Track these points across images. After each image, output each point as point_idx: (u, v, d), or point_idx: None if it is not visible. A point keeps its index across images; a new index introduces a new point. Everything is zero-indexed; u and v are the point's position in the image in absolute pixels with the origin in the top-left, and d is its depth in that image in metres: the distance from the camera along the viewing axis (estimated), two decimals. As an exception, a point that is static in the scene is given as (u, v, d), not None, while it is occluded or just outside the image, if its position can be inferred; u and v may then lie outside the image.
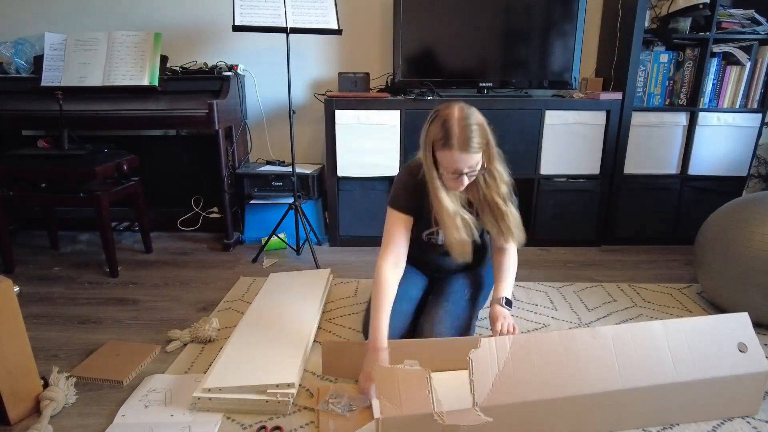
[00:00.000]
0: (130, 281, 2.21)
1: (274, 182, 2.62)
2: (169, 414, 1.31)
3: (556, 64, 2.54)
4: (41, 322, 1.84)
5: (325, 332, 1.76)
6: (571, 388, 1.16)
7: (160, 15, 2.75)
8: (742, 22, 2.39)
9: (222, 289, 2.11)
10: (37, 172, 2.16)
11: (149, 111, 2.39)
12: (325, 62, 2.82)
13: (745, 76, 2.43)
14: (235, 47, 2.77)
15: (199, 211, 2.85)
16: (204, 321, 1.71)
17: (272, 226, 2.49)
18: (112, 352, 1.61)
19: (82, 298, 2.04)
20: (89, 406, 1.37)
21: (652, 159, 2.55)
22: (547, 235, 2.61)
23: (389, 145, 2.47)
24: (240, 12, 2.11)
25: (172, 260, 2.46)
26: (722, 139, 2.51)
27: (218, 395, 1.32)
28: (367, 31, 2.74)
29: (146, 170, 2.53)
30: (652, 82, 2.49)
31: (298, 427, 1.27)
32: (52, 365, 1.44)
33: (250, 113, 2.86)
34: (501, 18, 2.50)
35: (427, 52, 2.54)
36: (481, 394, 1.12)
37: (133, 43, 2.47)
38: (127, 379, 1.46)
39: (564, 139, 2.48)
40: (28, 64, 2.59)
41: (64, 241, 2.68)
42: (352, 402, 1.31)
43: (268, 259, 2.45)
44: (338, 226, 2.62)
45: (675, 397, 1.22)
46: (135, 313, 1.91)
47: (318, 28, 2.18)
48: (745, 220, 1.75)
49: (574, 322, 1.82)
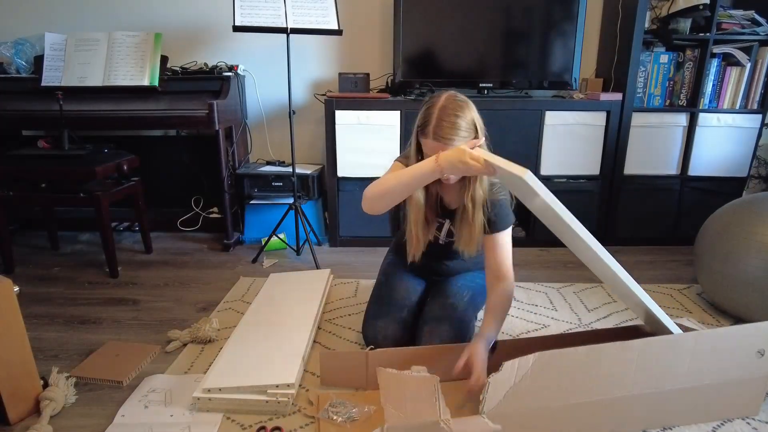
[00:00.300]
0: (130, 281, 2.21)
1: (274, 182, 2.62)
2: (169, 414, 1.31)
3: (556, 64, 2.54)
4: (41, 322, 1.84)
5: (324, 332, 1.76)
6: (581, 396, 1.14)
7: (161, 15, 2.75)
8: (742, 23, 2.39)
9: (222, 290, 2.11)
10: (37, 172, 2.16)
11: (149, 111, 2.39)
12: (325, 62, 2.82)
13: (745, 77, 2.43)
14: (236, 47, 2.77)
15: (199, 212, 2.85)
16: (204, 321, 1.71)
17: (272, 226, 2.49)
18: (112, 352, 1.61)
19: (81, 299, 2.03)
20: (89, 407, 1.36)
21: (652, 160, 2.55)
22: (547, 235, 2.57)
23: (389, 146, 2.47)
24: (240, 12, 2.11)
25: (172, 260, 2.46)
26: (722, 140, 2.51)
27: (218, 395, 1.32)
28: (368, 32, 2.74)
29: (146, 170, 2.53)
30: (652, 82, 2.49)
31: (298, 427, 1.27)
32: (52, 365, 1.44)
33: (250, 113, 2.86)
34: (501, 18, 2.50)
35: (427, 53, 2.54)
36: (491, 404, 1.08)
37: (134, 44, 2.47)
38: (126, 380, 1.46)
39: (564, 139, 2.48)
40: (29, 64, 2.59)
41: (64, 242, 2.68)
42: (353, 411, 1.31)
43: (268, 260, 2.45)
44: (338, 227, 2.62)
45: (680, 399, 1.21)
46: (135, 314, 1.91)
47: (318, 28, 2.18)
48: (746, 221, 1.75)
49: (574, 323, 1.82)
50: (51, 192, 2.21)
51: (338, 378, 1.43)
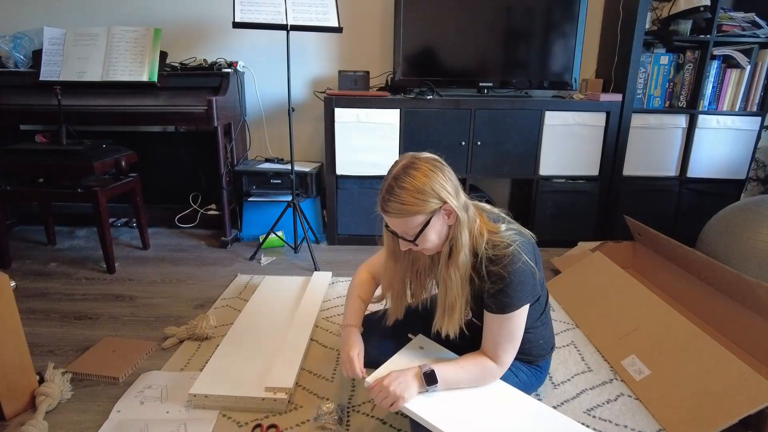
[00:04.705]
0: (127, 277, 2.20)
1: (273, 180, 2.61)
2: (165, 411, 1.31)
3: (556, 64, 2.53)
4: (37, 317, 1.83)
5: (321, 330, 1.75)
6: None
7: (160, 10, 2.74)
8: (742, 25, 2.39)
9: (219, 287, 2.11)
10: (35, 166, 2.15)
11: (148, 107, 2.39)
12: (325, 60, 2.81)
13: (745, 79, 2.43)
14: (235, 44, 2.76)
15: (197, 208, 2.84)
16: (201, 318, 1.70)
17: (270, 223, 2.48)
18: (108, 348, 1.61)
19: (78, 294, 2.03)
20: (85, 402, 1.36)
21: (652, 161, 2.55)
22: (545, 235, 2.60)
23: (388, 144, 2.46)
24: (240, 9, 2.10)
25: (169, 257, 2.46)
26: (721, 142, 2.51)
27: (214, 393, 1.32)
28: (368, 30, 2.73)
29: (145, 166, 2.52)
30: (652, 83, 2.49)
31: (294, 425, 1.27)
32: (48, 361, 1.44)
33: (249, 110, 2.85)
34: (502, 18, 2.50)
35: (427, 51, 2.53)
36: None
37: (133, 39, 2.46)
38: (123, 376, 1.46)
39: (563, 140, 2.48)
40: (27, 58, 2.58)
41: (61, 237, 2.67)
42: (346, 413, 1.31)
43: (265, 257, 2.44)
44: (336, 225, 2.62)
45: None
46: (131, 310, 1.91)
47: (318, 25, 2.18)
48: (746, 223, 1.75)
49: (570, 324, 1.82)
50: (48, 187, 2.20)
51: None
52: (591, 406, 1.37)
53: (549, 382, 1.46)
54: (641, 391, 1.41)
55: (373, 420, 1.30)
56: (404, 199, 1.03)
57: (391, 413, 1.30)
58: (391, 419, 1.29)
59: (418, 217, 1.05)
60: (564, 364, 1.56)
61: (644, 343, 1.53)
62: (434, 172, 1.05)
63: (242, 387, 1.35)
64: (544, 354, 1.31)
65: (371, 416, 1.31)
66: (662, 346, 1.48)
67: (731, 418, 1.19)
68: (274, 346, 1.56)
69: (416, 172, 1.05)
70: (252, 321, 1.74)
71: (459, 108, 2.42)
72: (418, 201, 1.03)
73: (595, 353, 1.62)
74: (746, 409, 1.19)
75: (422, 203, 1.03)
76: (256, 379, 1.39)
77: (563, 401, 1.38)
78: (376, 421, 1.29)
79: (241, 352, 1.53)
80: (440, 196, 1.04)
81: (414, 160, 1.07)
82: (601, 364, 1.56)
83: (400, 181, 1.05)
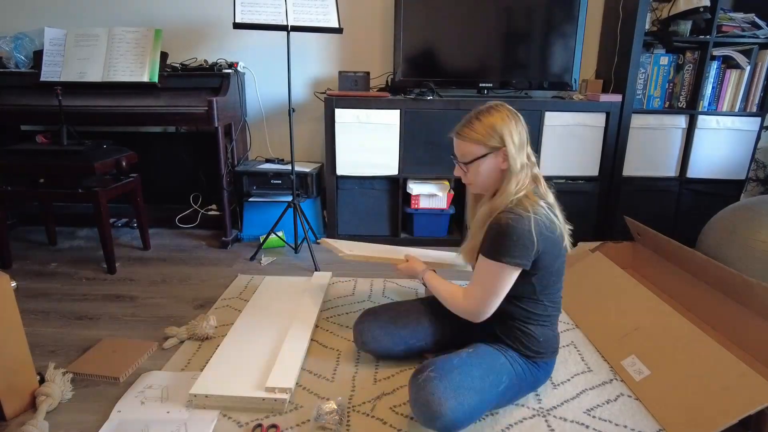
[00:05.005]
0: (128, 278, 2.20)
1: (273, 180, 2.62)
2: (166, 411, 1.31)
3: (556, 65, 2.54)
4: (38, 317, 1.83)
5: (322, 330, 1.76)
6: None
7: (161, 11, 2.75)
8: (742, 25, 2.39)
9: (220, 287, 2.11)
10: (36, 167, 2.15)
11: (149, 107, 2.39)
12: (325, 61, 2.82)
13: (744, 79, 2.43)
14: (236, 45, 2.76)
15: (198, 209, 2.85)
16: (201, 318, 1.71)
17: (271, 224, 2.48)
18: (109, 348, 1.61)
19: (79, 294, 2.03)
20: (85, 403, 1.36)
21: (651, 161, 2.55)
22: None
23: (389, 145, 2.47)
24: (241, 9, 2.10)
25: (169, 257, 2.46)
26: (721, 143, 2.52)
27: (215, 392, 1.32)
28: (368, 30, 2.74)
29: (145, 167, 2.53)
30: (652, 84, 2.49)
31: (294, 425, 1.27)
32: (49, 361, 1.44)
33: (249, 111, 2.86)
34: (502, 18, 2.50)
35: (427, 52, 2.54)
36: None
37: (133, 39, 2.46)
38: (123, 376, 1.46)
39: (563, 140, 2.48)
40: (28, 59, 2.58)
41: (62, 237, 2.68)
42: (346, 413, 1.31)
43: (266, 257, 2.45)
44: (337, 225, 2.62)
45: None
46: (132, 310, 1.91)
47: (319, 26, 2.18)
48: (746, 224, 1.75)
49: (570, 324, 1.83)
50: (49, 187, 2.20)
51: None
52: (591, 406, 1.37)
53: (549, 382, 1.46)
54: (641, 391, 1.41)
55: (373, 420, 1.30)
56: (475, 128, 1.25)
57: (391, 413, 1.31)
58: (392, 419, 1.30)
59: (478, 147, 1.25)
60: (564, 364, 1.56)
61: (644, 343, 1.53)
62: (509, 119, 1.25)
63: (243, 387, 1.35)
64: (543, 353, 1.33)
65: (371, 416, 1.31)
66: (662, 346, 1.48)
67: (731, 418, 1.19)
68: (274, 346, 1.56)
69: (496, 112, 1.25)
70: (252, 321, 1.74)
71: (459, 109, 2.42)
72: (484, 133, 1.23)
73: (595, 353, 1.62)
74: (746, 410, 1.19)
75: (486, 137, 1.23)
76: (257, 379, 1.39)
77: (563, 401, 1.38)
78: (376, 421, 1.29)
79: (241, 352, 1.53)
80: (503, 138, 1.23)
81: (499, 104, 1.28)
82: (601, 365, 1.56)
83: (480, 114, 1.26)
